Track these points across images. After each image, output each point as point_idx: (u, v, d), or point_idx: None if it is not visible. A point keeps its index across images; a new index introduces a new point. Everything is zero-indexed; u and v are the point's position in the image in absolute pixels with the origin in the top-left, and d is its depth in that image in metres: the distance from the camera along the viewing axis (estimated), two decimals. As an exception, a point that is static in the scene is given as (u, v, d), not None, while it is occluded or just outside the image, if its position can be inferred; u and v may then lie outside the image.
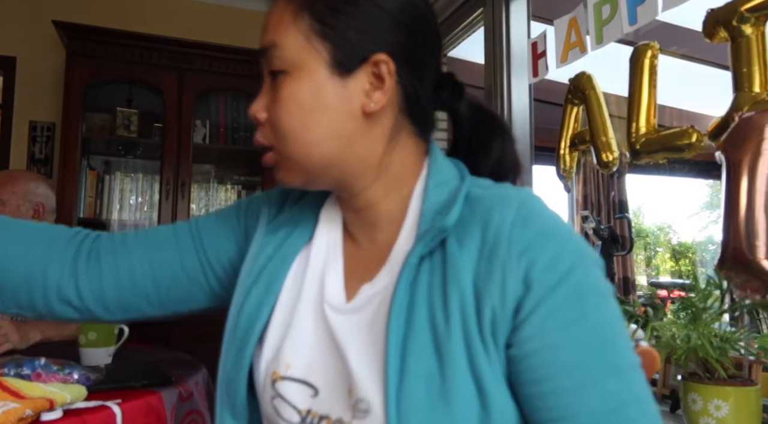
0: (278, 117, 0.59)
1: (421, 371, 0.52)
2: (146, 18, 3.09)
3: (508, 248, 0.53)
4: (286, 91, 0.59)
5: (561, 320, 0.52)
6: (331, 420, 0.56)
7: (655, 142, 1.38)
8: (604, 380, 0.52)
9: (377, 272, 0.61)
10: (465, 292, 0.53)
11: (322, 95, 0.58)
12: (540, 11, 2.23)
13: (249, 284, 0.65)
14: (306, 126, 0.58)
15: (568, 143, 1.76)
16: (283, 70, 0.59)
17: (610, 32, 1.49)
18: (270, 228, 0.70)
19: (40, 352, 1.21)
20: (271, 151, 0.62)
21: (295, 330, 0.62)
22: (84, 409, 0.90)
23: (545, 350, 0.52)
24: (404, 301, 0.55)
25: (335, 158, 0.60)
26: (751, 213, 1.05)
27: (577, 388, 0.52)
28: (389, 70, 0.59)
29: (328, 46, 0.58)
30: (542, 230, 0.55)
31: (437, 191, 0.61)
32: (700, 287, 1.12)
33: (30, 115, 2.88)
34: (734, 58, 1.18)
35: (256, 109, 0.62)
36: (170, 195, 2.74)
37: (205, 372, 1.34)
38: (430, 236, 0.56)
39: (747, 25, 1.15)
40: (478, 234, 0.55)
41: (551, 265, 0.53)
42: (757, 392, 1.01)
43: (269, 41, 0.60)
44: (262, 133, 0.62)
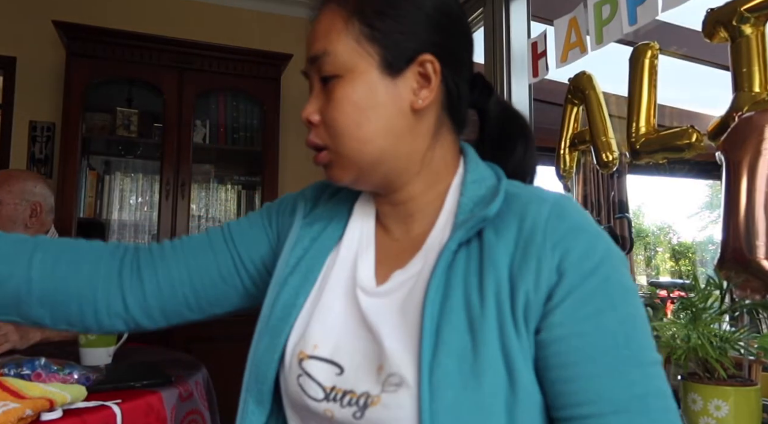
0: (333, 117, 0.63)
1: (455, 347, 0.55)
2: (146, 18, 3.09)
3: (543, 239, 0.57)
4: (340, 92, 0.62)
5: (590, 309, 0.55)
6: (355, 394, 0.59)
7: (655, 142, 1.38)
8: (627, 369, 0.54)
9: (409, 260, 0.65)
10: (501, 277, 0.57)
11: (374, 95, 0.62)
12: (540, 11, 2.23)
13: (285, 275, 0.69)
14: (360, 124, 0.62)
15: (568, 143, 1.76)
16: (337, 75, 0.63)
17: (610, 32, 1.49)
18: (306, 222, 0.74)
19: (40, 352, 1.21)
20: (324, 151, 0.65)
21: (323, 313, 0.65)
22: (84, 409, 0.90)
23: (573, 336, 0.55)
24: (441, 283, 0.59)
25: (386, 154, 0.64)
26: (751, 213, 1.05)
27: (601, 375, 0.54)
28: (435, 69, 0.64)
29: (378, 49, 0.62)
30: (575, 224, 0.58)
31: (475, 186, 0.65)
32: (700, 287, 1.12)
33: (30, 115, 2.88)
34: (734, 58, 1.18)
35: (309, 112, 0.65)
36: (170, 195, 2.74)
37: (205, 372, 1.34)
38: (471, 224, 0.60)
39: (747, 25, 1.15)
40: (515, 225, 0.59)
41: (584, 256, 0.56)
42: (757, 392, 1.01)
43: (320, 49, 0.64)
44: (316, 134, 0.66)
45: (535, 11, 2.18)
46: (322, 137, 0.65)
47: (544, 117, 2.30)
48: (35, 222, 1.87)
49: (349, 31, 0.63)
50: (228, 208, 3.12)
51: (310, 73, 0.67)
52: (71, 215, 2.57)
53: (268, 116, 2.96)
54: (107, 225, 2.88)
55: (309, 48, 0.66)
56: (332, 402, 0.60)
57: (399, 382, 0.56)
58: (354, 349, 0.62)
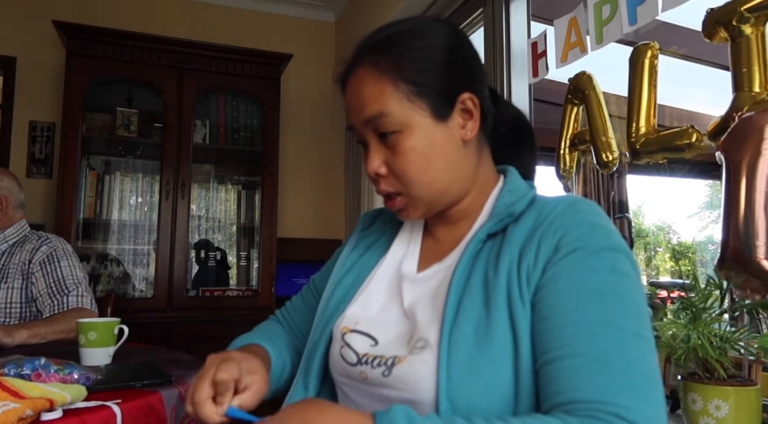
0: (404, 168, 0.72)
1: (473, 314, 0.65)
2: (146, 18, 3.10)
3: (550, 225, 0.66)
4: (404, 146, 0.72)
5: (572, 272, 0.63)
6: (384, 357, 0.69)
7: (654, 142, 1.38)
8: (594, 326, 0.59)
9: (447, 255, 0.76)
10: (513, 257, 0.67)
11: (434, 142, 0.72)
12: (540, 11, 2.23)
13: (341, 275, 0.83)
14: (427, 169, 0.72)
15: (568, 143, 1.76)
16: (396, 131, 0.72)
17: (610, 32, 1.49)
18: (363, 234, 0.89)
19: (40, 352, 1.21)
20: (398, 197, 0.75)
21: (367, 299, 0.78)
22: (84, 409, 0.90)
23: (551, 294, 0.63)
24: (467, 265, 0.70)
25: (450, 187, 0.75)
26: (751, 213, 1.05)
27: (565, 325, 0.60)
28: (474, 103, 0.74)
29: (427, 102, 0.72)
30: (583, 217, 0.66)
31: (510, 194, 0.74)
32: (700, 287, 1.12)
33: (30, 115, 2.88)
34: (734, 58, 1.18)
35: (377, 166, 0.74)
36: (170, 195, 2.74)
37: (205, 372, 1.34)
38: (499, 217, 0.71)
39: (747, 25, 1.15)
40: (532, 218, 0.69)
41: (580, 237, 0.64)
42: (757, 392, 1.01)
43: (376, 111, 0.72)
44: (387, 183, 0.75)
45: (535, 11, 2.17)
46: (394, 185, 0.74)
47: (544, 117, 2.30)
48: (8, 218, 1.81)
49: (399, 91, 0.71)
50: (228, 209, 3.12)
51: (363, 130, 0.75)
52: (71, 215, 2.57)
53: (268, 116, 2.96)
54: (107, 225, 2.88)
55: (359, 110, 0.74)
56: (365, 365, 0.71)
57: (424, 345, 0.66)
58: (389, 328, 0.73)
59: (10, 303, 1.71)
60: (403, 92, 0.71)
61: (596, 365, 0.57)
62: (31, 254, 1.76)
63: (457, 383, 0.62)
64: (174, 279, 2.71)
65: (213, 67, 2.87)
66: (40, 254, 1.76)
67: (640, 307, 0.62)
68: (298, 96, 3.36)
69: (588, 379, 0.57)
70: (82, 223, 2.76)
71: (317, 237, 3.38)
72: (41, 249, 1.77)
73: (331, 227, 3.40)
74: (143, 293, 2.88)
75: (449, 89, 0.73)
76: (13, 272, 1.73)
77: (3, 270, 1.74)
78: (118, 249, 2.90)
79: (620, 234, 0.67)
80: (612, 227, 0.67)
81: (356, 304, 0.78)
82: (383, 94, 0.71)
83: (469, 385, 0.61)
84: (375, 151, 0.74)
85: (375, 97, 0.72)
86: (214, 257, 3.05)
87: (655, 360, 0.60)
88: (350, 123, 0.78)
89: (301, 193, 3.35)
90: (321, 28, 3.52)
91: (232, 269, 3.12)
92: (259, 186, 3.03)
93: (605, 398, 0.55)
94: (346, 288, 0.81)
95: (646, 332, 0.60)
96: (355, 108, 0.74)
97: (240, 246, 3.14)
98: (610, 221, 0.68)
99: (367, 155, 0.75)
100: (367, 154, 0.75)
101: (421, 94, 0.71)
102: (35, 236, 1.83)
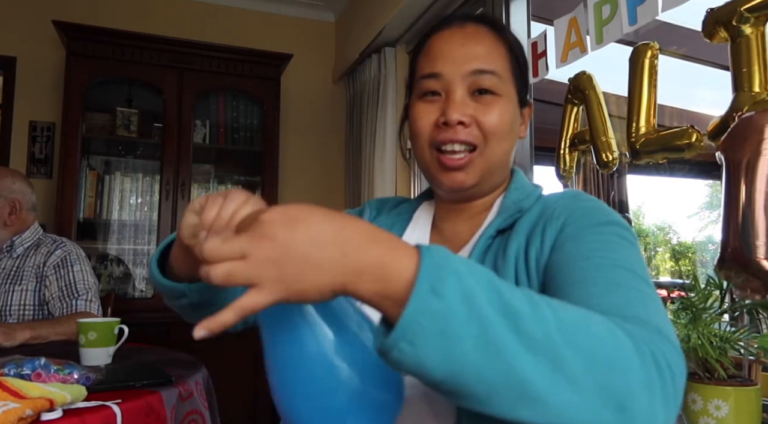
0: (495, 124, 0.73)
1: None
2: (146, 18, 3.09)
3: (553, 212, 0.69)
4: (500, 108, 0.74)
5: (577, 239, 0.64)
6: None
7: (654, 142, 1.38)
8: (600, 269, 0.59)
9: (458, 252, 0.75)
10: (520, 245, 0.68)
11: (515, 119, 0.76)
12: (540, 11, 2.23)
13: None
14: (506, 135, 0.75)
15: (568, 143, 1.76)
16: (496, 93, 0.73)
17: (610, 32, 1.49)
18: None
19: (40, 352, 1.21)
20: (469, 153, 0.73)
21: None
22: (84, 409, 0.90)
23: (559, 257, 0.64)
24: (477, 259, 0.70)
25: (507, 164, 0.78)
26: (751, 213, 1.05)
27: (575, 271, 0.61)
28: (530, 112, 0.82)
29: (518, 85, 0.77)
30: (586, 204, 0.69)
31: (517, 192, 0.76)
32: (700, 287, 1.12)
33: (30, 115, 2.88)
34: (734, 58, 1.18)
35: (461, 112, 0.72)
36: (170, 195, 2.74)
37: (205, 372, 1.34)
38: (508, 213, 0.73)
39: (747, 25, 1.15)
40: (538, 210, 0.72)
41: (583, 215, 0.66)
42: (757, 392, 1.01)
43: (490, 67, 0.73)
44: (469, 133, 0.73)
45: (535, 11, 2.17)
46: (476, 137, 0.73)
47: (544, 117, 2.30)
48: (15, 220, 1.82)
49: (509, 61, 0.75)
50: (228, 209, 3.12)
51: (456, 80, 0.73)
52: (71, 215, 2.57)
53: (268, 116, 2.96)
54: (107, 225, 2.88)
55: (468, 60, 0.73)
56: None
57: None
58: None
59: (24, 305, 1.74)
60: (511, 65, 0.75)
61: (608, 289, 0.56)
62: (45, 257, 1.79)
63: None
64: (174, 279, 2.71)
65: (213, 67, 2.87)
66: (54, 257, 1.79)
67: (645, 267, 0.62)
68: (298, 96, 3.36)
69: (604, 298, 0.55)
70: (82, 223, 2.76)
71: (317, 237, 3.38)
72: (56, 253, 1.80)
73: (331, 227, 3.40)
74: (143, 293, 2.88)
75: (525, 88, 0.79)
76: (28, 275, 1.76)
77: (18, 272, 1.77)
78: (118, 249, 2.90)
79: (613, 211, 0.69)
80: (611, 209, 0.68)
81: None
82: (501, 56, 0.75)
83: None
84: (462, 102, 0.73)
85: (492, 54, 0.74)
86: (214, 257, 3.05)
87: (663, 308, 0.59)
88: (438, 70, 0.74)
89: (301, 193, 3.35)
90: (321, 28, 3.52)
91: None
92: (259, 186, 3.03)
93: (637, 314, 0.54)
94: None
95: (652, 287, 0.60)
96: (460, 57, 0.73)
97: (240, 246, 3.14)
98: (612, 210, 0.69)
99: (442, 104, 0.73)
100: (447, 102, 0.73)
101: (517, 76, 0.76)
102: (50, 240, 1.86)
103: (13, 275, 1.76)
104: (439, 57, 0.74)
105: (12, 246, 1.80)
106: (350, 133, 3.30)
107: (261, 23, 3.32)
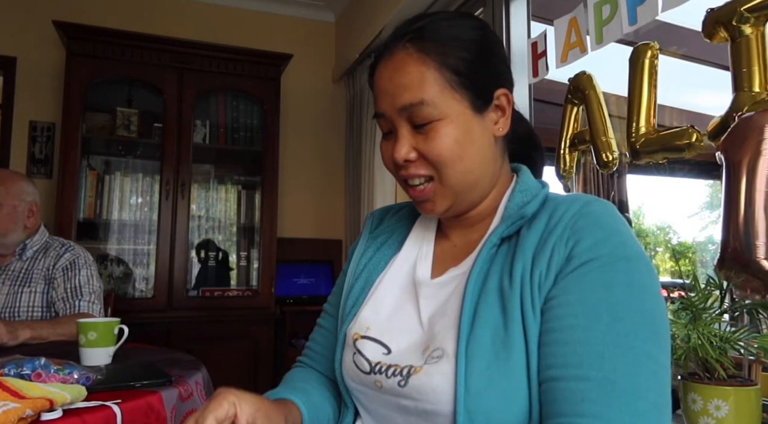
0: (439, 153, 0.70)
1: (489, 323, 0.63)
2: (146, 18, 3.09)
3: (563, 231, 0.64)
4: (442, 132, 0.69)
5: (584, 285, 0.61)
6: (399, 367, 0.68)
7: (655, 142, 1.38)
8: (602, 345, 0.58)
9: (463, 259, 0.74)
10: (526, 263, 0.65)
11: (471, 133, 0.71)
12: (540, 11, 2.23)
13: (353, 282, 0.82)
14: (462, 158, 0.70)
15: (568, 143, 1.76)
16: (435, 120, 0.69)
17: (610, 32, 1.49)
18: (372, 236, 0.87)
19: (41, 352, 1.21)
20: (431, 183, 0.72)
21: (377, 303, 0.77)
22: (84, 409, 0.90)
23: (561, 306, 0.61)
24: (482, 271, 0.68)
25: (479, 180, 0.73)
26: (751, 213, 1.05)
27: (574, 342, 0.59)
28: (508, 100, 0.74)
29: (468, 93, 0.70)
30: (596, 221, 0.64)
31: (521, 195, 0.73)
32: (700, 287, 1.12)
33: (30, 115, 2.88)
34: (734, 58, 1.18)
35: (405, 153, 0.71)
36: (170, 195, 2.74)
37: (205, 372, 1.34)
38: (511, 220, 0.69)
39: (747, 25, 1.15)
40: (544, 221, 0.67)
41: (593, 246, 0.62)
42: (757, 392, 1.01)
43: (417, 99, 0.69)
44: (417, 167, 0.72)
45: (535, 11, 2.17)
46: (426, 169, 0.71)
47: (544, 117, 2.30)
48: (33, 223, 1.85)
49: (441, 81, 0.69)
50: (228, 208, 3.12)
51: (395, 117, 0.71)
52: (71, 215, 2.57)
53: (268, 116, 2.96)
54: (107, 225, 2.88)
55: (396, 96, 0.70)
56: (379, 374, 0.70)
57: (440, 354, 0.65)
58: (402, 336, 0.71)
59: (32, 307, 1.76)
60: (447, 80, 0.69)
61: (602, 391, 0.56)
62: (54, 259, 1.82)
63: (475, 393, 0.60)
64: (174, 279, 2.71)
65: (213, 67, 2.87)
66: (63, 260, 1.82)
67: (657, 322, 0.60)
68: (298, 96, 3.36)
69: (592, 405, 0.56)
70: (82, 223, 2.76)
71: (317, 237, 3.38)
72: (65, 256, 1.83)
73: (331, 227, 3.40)
74: (143, 293, 2.88)
75: (488, 83, 0.72)
76: (37, 277, 1.79)
77: (27, 275, 1.79)
78: (118, 249, 2.90)
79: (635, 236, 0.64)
80: (628, 231, 0.64)
81: (367, 307, 0.77)
82: (426, 80, 0.69)
83: (488, 395, 0.60)
84: (405, 137, 0.71)
85: (416, 83, 0.69)
86: (215, 257, 3.05)
87: (666, 381, 0.59)
88: (380, 110, 0.73)
89: (301, 193, 3.35)
90: (321, 28, 3.52)
91: (232, 269, 3.12)
92: (259, 186, 3.03)
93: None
94: (358, 292, 0.80)
95: (659, 351, 0.59)
96: (391, 93, 0.71)
97: (240, 246, 3.14)
98: (625, 223, 0.65)
99: (394, 142, 0.72)
100: (395, 141, 0.72)
101: (463, 85, 0.70)
102: (58, 243, 1.88)
103: (23, 277, 1.78)
104: (378, 94, 0.73)
105: (24, 249, 1.83)
106: (350, 133, 3.30)
107: (261, 23, 3.32)
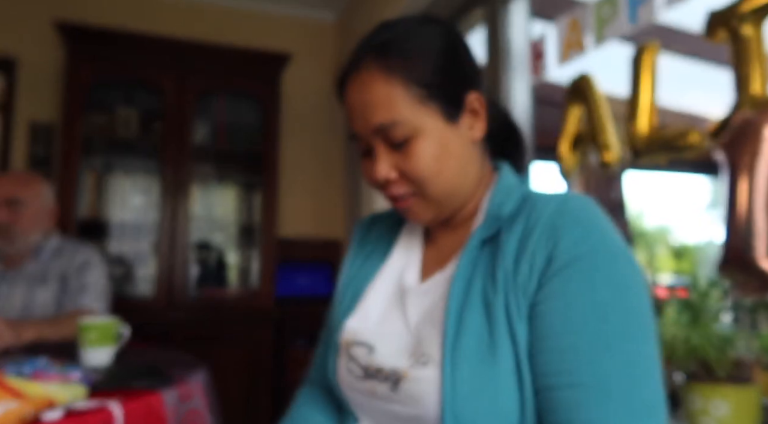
0: (417, 171, 0.69)
1: (474, 328, 0.63)
2: (146, 18, 3.09)
3: (541, 233, 0.63)
4: (417, 149, 0.68)
5: (568, 289, 0.60)
6: (387, 370, 0.68)
7: (655, 142, 1.38)
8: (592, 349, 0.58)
9: (448, 263, 0.74)
10: (508, 268, 0.64)
11: (446, 143, 0.70)
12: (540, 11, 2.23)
13: (343, 291, 0.83)
14: (441, 171, 0.69)
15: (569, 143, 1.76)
16: (410, 137, 0.68)
17: (610, 32, 1.49)
18: (360, 244, 0.87)
19: (40, 352, 1.21)
20: (411, 197, 0.72)
21: (366, 309, 0.77)
22: (84, 409, 0.90)
23: (548, 313, 0.61)
24: (464, 275, 0.67)
25: (461, 186, 0.72)
26: (751, 213, 1.05)
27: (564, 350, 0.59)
28: (480, 103, 0.72)
29: (438, 105, 0.69)
30: (573, 218, 0.63)
31: (500, 194, 0.72)
32: (700, 287, 1.12)
33: (30, 115, 2.88)
34: (734, 58, 1.18)
35: (385, 173, 0.70)
36: (170, 195, 2.74)
37: (205, 372, 1.34)
38: (488, 223, 0.69)
39: (747, 26, 1.15)
40: (522, 223, 0.66)
41: (572, 245, 0.61)
42: (757, 392, 1.01)
43: (388, 120, 0.68)
44: (398, 186, 0.71)
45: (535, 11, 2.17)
46: (407, 186, 0.71)
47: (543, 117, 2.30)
48: (50, 225, 1.88)
49: (410, 95, 0.68)
50: (228, 208, 3.12)
51: (370, 138, 0.70)
52: (71, 215, 2.57)
53: (268, 116, 2.96)
54: (107, 225, 2.88)
55: (367, 118, 0.69)
56: (372, 379, 0.70)
57: (426, 360, 0.65)
58: (389, 339, 0.71)
59: (46, 306, 1.78)
60: (415, 96, 0.68)
61: (597, 395, 0.57)
62: (69, 259, 1.85)
63: (462, 399, 0.61)
64: (174, 279, 2.71)
65: (213, 67, 2.87)
66: (77, 260, 1.84)
67: (644, 318, 0.60)
68: (298, 96, 3.36)
69: (588, 411, 0.57)
70: (82, 223, 2.75)
71: (317, 237, 3.38)
72: (78, 256, 1.85)
73: (331, 227, 3.40)
74: (143, 293, 2.88)
75: (458, 90, 0.70)
76: (52, 277, 1.81)
77: (42, 275, 1.82)
78: (118, 249, 2.90)
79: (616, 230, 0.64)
80: (607, 225, 0.64)
81: (356, 316, 0.77)
82: (394, 99, 0.67)
83: (474, 401, 0.60)
84: (383, 157, 0.70)
85: (385, 103, 0.67)
86: (214, 257, 3.05)
87: (658, 375, 0.59)
88: (354, 131, 0.72)
89: (301, 193, 3.35)
90: (321, 28, 3.52)
91: (232, 269, 3.12)
92: (259, 186, 3.03)
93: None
94: (348, 302, 0.80)
95: (648, 347, 0.59)
96: (361, 115, 0.70)
97: (240, 246, 3.14)
98: (603, 217, 0.64)
99: (372, 162, 0.71)
100: (373, 162, 0.71)
101: (433, 97, 0.68)
102: (71, 244, 1.91)
103: (38, 279, 1.81)
104: (351, 115, 0.72)
105: (40, 250, 1.85)
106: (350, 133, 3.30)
107: (261, 23, 3.32)
